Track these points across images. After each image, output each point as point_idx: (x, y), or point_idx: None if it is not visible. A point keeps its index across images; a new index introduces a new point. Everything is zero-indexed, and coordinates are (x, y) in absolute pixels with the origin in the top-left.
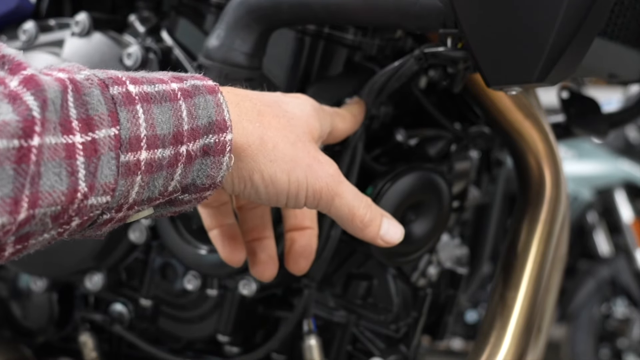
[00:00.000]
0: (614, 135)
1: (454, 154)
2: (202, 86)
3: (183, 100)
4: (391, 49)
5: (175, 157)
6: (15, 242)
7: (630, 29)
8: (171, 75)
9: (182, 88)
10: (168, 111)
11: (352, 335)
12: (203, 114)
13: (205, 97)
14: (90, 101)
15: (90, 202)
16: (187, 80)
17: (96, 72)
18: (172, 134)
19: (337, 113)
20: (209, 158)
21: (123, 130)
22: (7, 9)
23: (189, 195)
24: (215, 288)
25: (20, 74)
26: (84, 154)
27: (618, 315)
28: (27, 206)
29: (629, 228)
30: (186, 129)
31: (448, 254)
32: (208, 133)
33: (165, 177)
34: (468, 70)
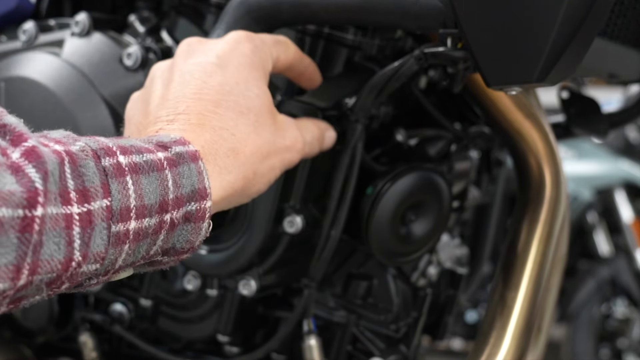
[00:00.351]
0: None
1: (454, 154)
2: (185, 153)
3: (169, 170)
4: (391, 49)
5: (160, 224)
6: (9, 303)
7: (630, 29)
8: (156, 143)
9: (168, 157)
10: (155, 181)
11: (352, 335)
12: (187, 183)
13: (189, 166)
14: (86, 173)
15: (82, 270)
16: (171, 147)
17: (89, 141)
18: (158, 203)
19: (278, 42)
20: (189, 224)
21: (114, 201)
22: (7, 9)
23: (168, 257)
24: (215, 288)
25: (22, 146)
26: (80, 224)
27: (618, 315)
28: (27, 273)
29: (629, 228)
30: (171, 198)
31: (448, 254)
32: (190, 201)
33: (149, 243)
34: (468, 70)
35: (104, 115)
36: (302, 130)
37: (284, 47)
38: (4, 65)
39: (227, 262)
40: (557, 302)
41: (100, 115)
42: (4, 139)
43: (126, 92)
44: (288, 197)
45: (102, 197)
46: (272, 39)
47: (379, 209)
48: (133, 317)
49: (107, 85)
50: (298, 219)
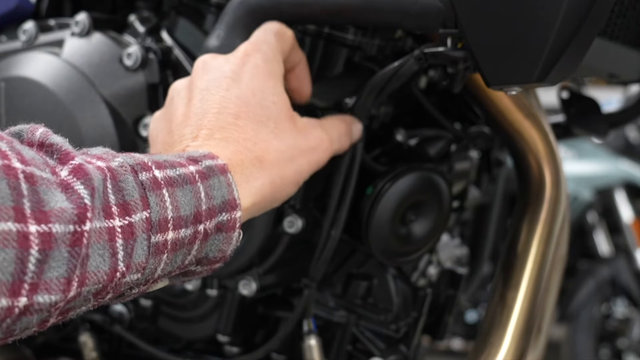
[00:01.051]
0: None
1: (454, 154)
2: (215, 167)
3: (201, 182)
4: (391, 49)
5: (195, 234)
6: (59, 315)
7: (630, 29)
8: (187, 158)
9: (199, 170)
10: (189, 193)
11: (352, 335)
12: (218, 195)
13: (219, 178)
14: (126, 187)
15: (125, 280)
16: (201, 161)
17: (126, 157)
18: (193, 215)
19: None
20: (221, 234)
21: (153, 213)
22: (7, 9)
23: (201, 267)
24: (215, 288)
25: (70, 164)
26: (122, 236)
27: (618, 315)
28: (76, 285)
29: (629, 228)
30: (204, 209)
31: (448, 254)
32: (222, 211)
33: (184, 253)
34: (468, 70)
35: (104, 115)
36: (326, 128)
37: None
38: (4, 65)
39: (227, 262)
40: (557, 302)
41: (100, 115)
42: (52, 157)
43: (126, 92)
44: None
45: (142, 210)
46: (274, 35)
47: (379, 209)
48: (133, 317)
49: (107, 85)
50: (298, 219)
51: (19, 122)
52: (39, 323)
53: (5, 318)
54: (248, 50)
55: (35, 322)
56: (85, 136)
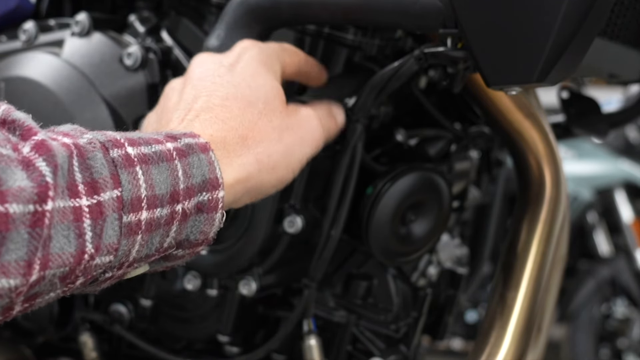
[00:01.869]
0: (614, 135)
1: (454, 154)
2: (195, 144)
3: (179, 160)
4: (391, 49)
5: (172, 215)
6: (24, 301)
7: (630, 29)
8: (165, 135)
9: (177, 147)
10: (165, 171)
11: (352, 335)
12: (197, 173)
13: (199, 156)
14: (94, 165)
15: (95, 262)
16: (180, 139)
17: (96, 134)
18: (169, 193)
19: (284, 49)
20: (202, 215)
21: (125, 191)
22: (7, 9)
23: (182, 250)
24: (215, 288)
25: (32, 140)
26: (90, 216)
27: (618, 315)
28: (38, 268)
29: (629, 228)
30: (182, 188)
31: (448, 254)
32: (202, 191)
33: (162, 235)
34: (468, 70)
35: (104, 115)
36: (315, 109)
37: (289, 52)
38: (4, 65)
39: (227, 262)
40: (557, 302)
41: (100, 116)
42: (14, 134)
43: (126, 92)
44: (288, 197)
45: (112, 188)
46: (278, 45)
47: (379, 209)
48: (133, 317)
49: (107, 85)
50: (298, 219)
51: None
52: (2, 311)
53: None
54: (245, 44)
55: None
56: None
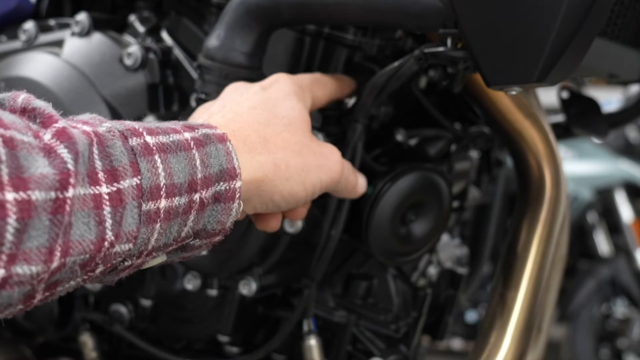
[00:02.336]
0: (614, 135)
1: (454, 154)
2: (212, 135)
3: (196, 150)
4: (391, 49)
5: (190, 204)
6: (45, 289)
7: (630, 29)
8: (183, 125)
9: (195, 137)
10: (183, 160)
11: (352, 335)
12: (215, 163)
13: (216, 146)
14: (114, 153)
15: (115, 250)
16: (198, 129)
17: (115, 123)
18: (187, 182)
19: (315, 82)
20: (219, 205)
21: (144, 180)
22: (7, 9)
23: (200, 240)
24: (215, 288)
25: (53, 127)
26: (110, 204)
27: (618, 315)
28: (59, 255)
29: (629, 228)
30: (200, 177)
31: (448, 254)
32: (219, 181)
33: (180, 224)
34: (468, 70)
35: (104, 115)
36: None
37: (321, 85)
38: (4, 65)
39: (227, 262)
40: (557, 302)
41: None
42: (34, 122)
43: (126, 92)
44: None
45: (131, 176)
46: (310, 78)
47: (379, 209)
48: (133, 317)
49: (107, 85)
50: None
51: None
52: (24, 299)
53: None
54: (279, 76)
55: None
56: None
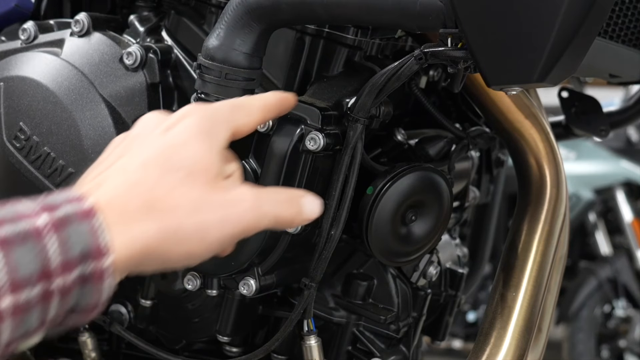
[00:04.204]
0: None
1: (454, 154)
2: (73, 214)
3: (53, 234)
4: (391, 49)
5: (45, 293)
6: None
7: (630, 29)
8: (42, 206)
9: (53, 220)
10: (31, 251)
11: (352, 335)
12: (76, 245)
13: (78, 226)
14: None
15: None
16: (59, 207)
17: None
18: (38, 273)
19: (238, 108)
20: (87, 286)
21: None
22: (7, 9)
23: (77, 314)
24: (215, 288)
25: None
26: None
27: (619, 315)
28: None
29: (629, 228)
30: (56, 264)
31: (448, 254)
32: (83, 262)
33: (40, 311)
34: (468, 70)
35: (104, 115)
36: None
37: (246, 110)
38: (4, 65)
39: (227, 262)
40: (557, 302)
41: (100, 115)
42: None
43: (126, 92)
44: None
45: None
46: (229, 105)
47: (379, 209)
48: (133, 317)
49: (107, 85)
50: None
51: (19, 122)
52: None
53: None
54: (190, 108)
55: None
56: (84, 136)
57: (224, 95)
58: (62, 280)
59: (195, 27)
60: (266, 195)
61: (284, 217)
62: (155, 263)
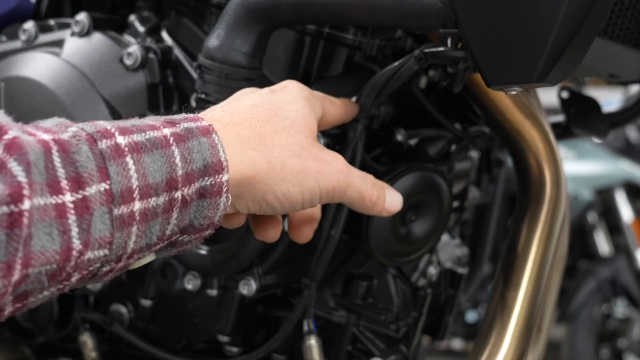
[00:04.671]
0: (614, 135)
1: (454, 154)
2: (195, 128)
3: (176, 146)
4: (391, 49)
5: (170, 202)
6: (14, 301)
7: (630, 29)
8: (164, 120)
9: (175, 133)
10: (160, 159)
11: (352, 335)
12: (198, 158)
13: (199, 140)
14: (79, 159)
15: (87, 257)
16: (180, 123)
17: (85, 126)
18: (165, 181)
19: (327, 98)
20: (205, 200)
21: (114, 184)
22: (7, 8)
23: (188, 236)
24: (215, 288)
25: (3, 140)
26: (75, 212)
27: (618, 315)
28: (20, 267)
29: (629, 228)
30: (180, 174)
31: (448, 254)
32: (204, 176)
33: (162, 223)
34: (468, 70)
35: (104, 115)
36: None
37: (333, 103)
38: (4, 65)
39: (227, 262)
40: (557, 302)
41: (100, 115)
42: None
43: (126, 92)
44: None
45: (99, 182)
46: (321, 94)
47: None
48: (133, 317)
49: (107, 85)
50: None
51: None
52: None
53: None
54: (291, 81)
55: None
56: None
57: (224, 96)
58: (184, 192)
59: (196, 27)
60: (356, 170)
61: (367, 196)
62: (256, 195)
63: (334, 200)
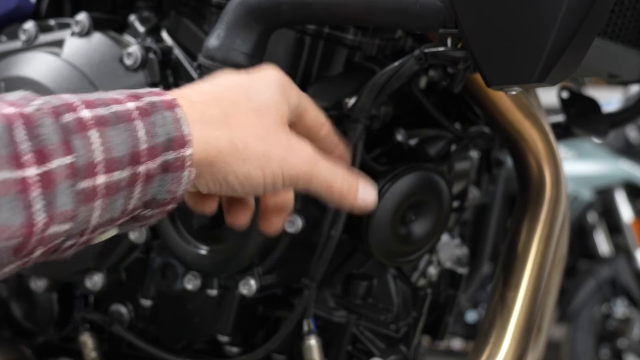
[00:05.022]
0: (614, 135)
1: (454, 154)
2: (159, 102)
3: (140, 119)
4: (391, 49)
5: (134, 177)
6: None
7: (630, 29)
8: (128, 94)
9: (139, 107)
10: (124, 132)
11: (352, 335)
12: (161, 132)
13: (163, 114)
14: (43, 132)
15: (51, 232)
16: (143, 97)
17: (49, 99)
18: (129, 155)
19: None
20: (168, 174)
21: (78, 157)
22: (7, 9)
23: (152, 210)
24: (215, 288)
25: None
26: (40, 185)
27: (618, 315)
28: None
29: (629, 228)
30: (144, 148)
31: (448, 254)
32: (167, 150)
33: (126, 197)
34: (468, 70)
35: None
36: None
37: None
38: (4, 65)
39: (227, 262)
40: (557, 302)
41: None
42: None
43: None
44: None
45: (62, 155)
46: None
47: (379, 209)
48: (133, 317)
49: (107, 85)
50: (298, 219)
51: None
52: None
53: None
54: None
55: None
56: None
57: None
58: (147, 166)
59: (196, 27)
60: (325, 160)
61: (336, 188)
62: (217, 175)
63: (299, 187)
